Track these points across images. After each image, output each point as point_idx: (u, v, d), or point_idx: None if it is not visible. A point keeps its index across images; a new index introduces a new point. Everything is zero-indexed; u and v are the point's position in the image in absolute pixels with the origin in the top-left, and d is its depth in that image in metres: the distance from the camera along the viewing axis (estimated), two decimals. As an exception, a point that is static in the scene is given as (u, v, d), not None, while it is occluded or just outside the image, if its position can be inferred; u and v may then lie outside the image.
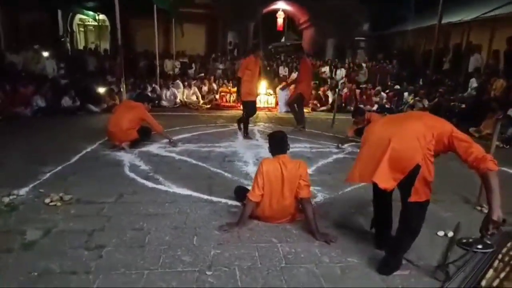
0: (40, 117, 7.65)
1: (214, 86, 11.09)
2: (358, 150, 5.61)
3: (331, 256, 2.66)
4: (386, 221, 2.79)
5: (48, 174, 4.14)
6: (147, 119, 5.45)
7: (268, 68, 13.81)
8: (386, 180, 2.34)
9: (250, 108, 6.41)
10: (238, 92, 6.44)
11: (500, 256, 2.60)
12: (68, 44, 16.71)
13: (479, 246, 2.76)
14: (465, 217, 3.38)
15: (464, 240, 2.88)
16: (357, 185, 4.13)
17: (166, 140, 5.92)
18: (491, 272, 2.42)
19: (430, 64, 11.32)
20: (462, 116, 7.90)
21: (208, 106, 10.03)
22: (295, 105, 7.44)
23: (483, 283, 2.29)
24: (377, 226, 2.86)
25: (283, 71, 14.12)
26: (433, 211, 3.51)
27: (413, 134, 2.37)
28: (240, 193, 3.45)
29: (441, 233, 3.02)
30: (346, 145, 5.99)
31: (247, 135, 6.47)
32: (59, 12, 16.04)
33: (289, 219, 3.13)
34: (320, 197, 3.77)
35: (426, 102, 9.38)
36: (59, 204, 3.32)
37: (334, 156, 5.44)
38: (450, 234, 3.01)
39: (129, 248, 2.64)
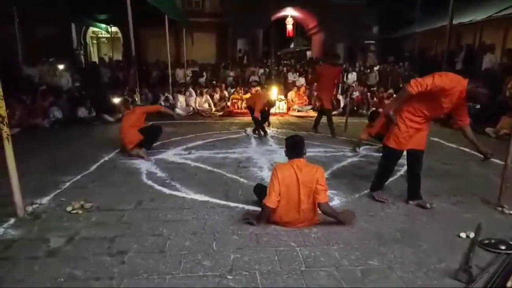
0: (57, 128, 7.83)
1: (226, 93, 11.19)
2: (373, 154, 5.66)
3: (351, 259, 2.65)
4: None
5: (68, 183, 4.23)
6: (147, 110, 5.99)
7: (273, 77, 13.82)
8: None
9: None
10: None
11: (524, 257, 2.56)
12: (82, 57, 17.09)
13: (503, 247, 2.72)
14: (485, 217, 3.33)
15: (487, 241, 2.83)
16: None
17: (181, 147, 6.01)
18: (516, 273, 2.38)
19: (442, 66, 11.20)
20: (477, 117, 7.77)
21: (221, 113, 10.11)
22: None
23: (509, 284, 2.25)
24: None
25: (292, 76, 14.14)
26: (453, 212, 3.51)
27: None
28: (260, 191, 3.42)
29: (463, 235, 2.97)
30: (360, 149, 5.96)
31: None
32: (73, 26, 16.45)
33: (307, 224, 3.13)
34: (336, 201, 3.76)
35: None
36: (80, 212, 3.40)
37: (349, 160, 5.42)
38: (472, 235, 2.97)
39: (150, 254, 2.68)
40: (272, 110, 9.91)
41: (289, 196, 3.01)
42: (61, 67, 11.57)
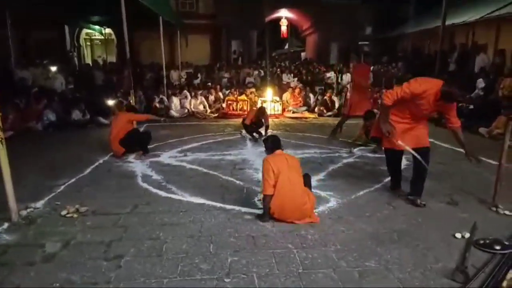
0: (51, 131, 7.76)
1: (220, 95, 11.18)
2: (368, 155, 5.68)
3: (348, 260, 2.66)
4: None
5: (62, 187, 4.20)
6: (134, 118, 5.92)
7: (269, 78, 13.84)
8: None
9: None
10: None
11: (519, 256, 2.58)
12: (76, 59, 16.97)
13: (498, 247, 2.75)
14: (480, 217, 3.36)
15: (482, 241, 2.86)
16: (369, 189, 4.15)
17: (176, 150, 5.99)
18: (511, 272, 2.40)
19: (435, 66, 11.27)
20: (471, 117, 7.85)
21: (216, 115, 10.09)
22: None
23: (504, 284, 2.27)
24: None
25: (286, 78, 14.17)
26: (449, 212, 3.54)
27: None
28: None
29: (458, 235, 2.99)
30: (355, 149, 5.98)
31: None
32: (66, 28, 16.34)
33: (306, 216, 3.23)
34: (333, 202, 3.76)
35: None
36: (75, 216, 3.37)
37: (344, 161, 5.43)
38: (467, 235, 2.99)
39: (147, 258, 2.67)
40: (267, 112, 9.96)
41: (283, 183, 3.14)
42: (54, 69, 11.47)
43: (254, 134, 7.01)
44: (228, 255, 2.71)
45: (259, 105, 9.59)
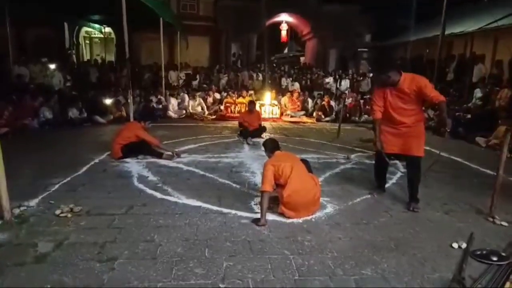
0: (47, 129, 7.69)
1: (218, 96, 11.16)
2: (365, 161, 5.67)
3: (345, 268, 2.63)
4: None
5: (57, 186, 4.14)
6: (142, 135, 5.43)
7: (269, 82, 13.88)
8: None
9: None
10: None
11: (516, 268, 2.56)
12: (74, 57, 16.90)
13: (494, 258, 2.73)
14: (477, 227, 3.34)
15: (479, 252, 2.83)
16: (366, 195, 4.13)
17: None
18: (508, 285, 2.38)
19: (434, 74, 11.34)
20: (469, 126, 7.88)
21: (213, 116, 10.07)
22: None
23: (501, 295, 2.26)
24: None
25: (285, 82, 14.20)
26: (446, 222, 3.53)
27: None
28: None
29: (455, 245, 2.98)
30: (353, 156, 5.98)
31: None
32: (66, 26, 16.27)
33: (318, 205, 3.61)
34: (330, 208, 3.74)
35: (431, 112, 9.37)
36: (69, 215, 3.32)
37: (342, 167, 5.41)
38: (464, 245, 2.97)
39: (141, 260, 2.62)
40: (265, 115, 9.94)
41: (298, 177, 3.40)
42: (53, 67, 11.41)
43: (253, 140, 6.92)
44: (223, 260, 2.67)
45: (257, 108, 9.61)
